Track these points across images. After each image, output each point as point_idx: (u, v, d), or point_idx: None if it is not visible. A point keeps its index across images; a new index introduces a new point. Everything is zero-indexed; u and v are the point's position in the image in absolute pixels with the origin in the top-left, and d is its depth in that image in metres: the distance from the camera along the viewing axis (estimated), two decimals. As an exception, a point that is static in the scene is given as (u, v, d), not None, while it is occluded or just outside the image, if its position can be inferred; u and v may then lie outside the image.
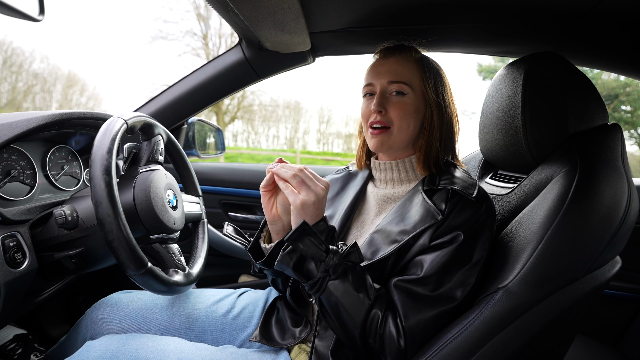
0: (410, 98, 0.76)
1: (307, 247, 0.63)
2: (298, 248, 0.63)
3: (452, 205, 0.69)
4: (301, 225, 0.63)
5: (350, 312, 0.64)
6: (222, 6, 0.83)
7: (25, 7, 0.53)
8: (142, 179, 0.78)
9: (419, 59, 0.79)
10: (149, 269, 0.68)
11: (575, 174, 0.65)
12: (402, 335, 0.64)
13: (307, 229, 0.63)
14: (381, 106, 0.76)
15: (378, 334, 0.64)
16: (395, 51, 0.80)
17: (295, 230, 0.63)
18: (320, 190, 0.66)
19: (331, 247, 0.64)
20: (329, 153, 23.37)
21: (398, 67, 0.77)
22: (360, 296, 0.65)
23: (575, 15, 0.79)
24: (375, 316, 0.65)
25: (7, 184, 0.82)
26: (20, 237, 0.72)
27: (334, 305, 0.65)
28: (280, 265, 0.64)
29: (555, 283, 0.62)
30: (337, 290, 0.64)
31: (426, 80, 0.77)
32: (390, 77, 0.76)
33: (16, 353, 0.97)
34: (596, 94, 0.75)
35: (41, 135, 0.93)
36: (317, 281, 0.64)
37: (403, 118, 0.76)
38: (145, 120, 0.84)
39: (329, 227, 0.67)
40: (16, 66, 17.93)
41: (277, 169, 0.69)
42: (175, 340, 0.74)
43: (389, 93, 0.77)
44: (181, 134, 1.34)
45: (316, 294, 0.66)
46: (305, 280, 0.65)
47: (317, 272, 0.64)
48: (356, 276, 0.66)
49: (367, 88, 0.80)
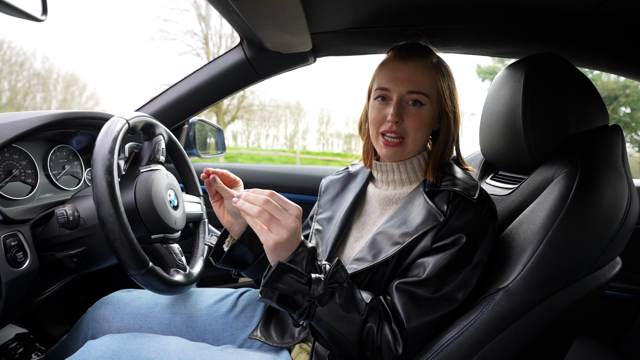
0: (427, 109, 0.74)
1: (288, 285, 0.59)
2: (278, 288, 0.59)
3: (454, 206, 0.69)
4: (277, 266, 0.58)
5: (344, 334, 0.63)
6: (224, 6, 0.83)
7: (28, 7, 0.53)
8: (144, 179, 0.79)
9: (437, 65, 0.76)
10: (150, 269, 0.68)
11: (576, 175, 0.65)
12: (398, 341, 0.63)
13: (284, 267, 0.59)
14: (399, 116, 0.73)
15: (375, 346, 0.64)
16: (414, 54, 0.75)
17: (272, 273, 0.58)
18: (292, 222, 0.59)
19: (313, 276, 0.60)
20: (328, 153, 23.37)
21: (418, 75, 0.73)
22: (352, 316, 0.63)
23: (576, 16, 0.79)
24: (370, 330, 0.64)
25: (9, 183, 0.83)
26: (21, 236, 0.72)
27: (326, 330, 0.63)
28: (264, 300, 0.61)
29: (556, 284, 0.62)
30: (327, 315, 0.62)
31: (443, 89, 0.75)
32: (411, 86, 0.73)
33: (17, 352, 0.97)
34: (596, 94, 0.76)
35: (42, 135, 0.93)
36: (304, 311, 0.61)
37: (418, 129, 0.74)
38: (147, 120, 0.84)
39: (309, 250, 0.62)
40: (17, 66, 17.94)
41: (241, 204, 0.60)
42: (176, 340, 0.74)
43: (406, 102, 0.74)
44: (182, 134, 1.34)
45: (305, 320, 0.63)
46: (292, 310, 0.62)
47: (303, 301, 0.61)
48: (344, 296, 0.63)
49: (382, 92, 0.75)
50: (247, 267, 0.82)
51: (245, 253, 0.79)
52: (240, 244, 0.77)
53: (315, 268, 0.62)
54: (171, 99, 1.25)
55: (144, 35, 30.97)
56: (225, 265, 0.81)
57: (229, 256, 0.79)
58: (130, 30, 31.19)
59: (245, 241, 0.77)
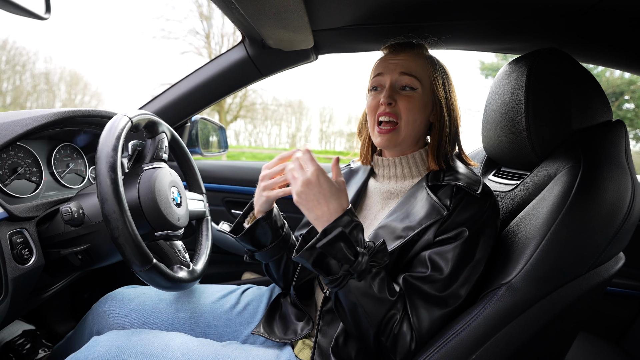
0: (419, 93, 0.77)
1: (337, 251, 0.60)
2: (329, 252, 0.60)
3: (457, 201, 0.69)
4: (339, 233, 0.60)
5: (368, 312, 0.63)
6: (226, 4, 0.83)
7: (32, 5, 0.54)
8: (147, 177, 0.79)
9: (428, 56, 0.80)
10: (154, 265, 0.68)
11: (579, 170, 0.65)
12: (414, 339, 0.64)
13: (341, 234, 0.60)
14: (391, 98, 0.76)
15: (392, 334, 0.64)
16: (405, 47, 0.80)
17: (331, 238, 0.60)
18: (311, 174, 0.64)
19: (359, 249, 0.62)
20: (331, 152, 23.36)
21: (409, 61, 0.77)
22: (382, 297, 0.63)
23: (579, 12, 0.79)
24: (393, 317, 0.64)
25: (14, 181, 0.83)
26: (27, 233, 0.73)
27: (352, 304, 0.64)
28: (299, 259, 0.63)
29: (559, 279, 0.62)
30: (358, 289, 0.62)
31: (435, 77, 0.78)
32: (402, 69, 0.77)
33: (25, 348, 0.99)
34: (600, 90, 0.75)
35: (47, 133, 0.94)
36: (337, 278, 0.62)
37: (411, 112, 0.76)
38: (150, 118, 0.84)
39: (354, 222, 0.64)
40: (20, 65, 18.02)
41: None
42: (181, 336, 0.75)
43: (399, 87, 0.77)
44: (184, 132, 1.35)
45: (334, 288, 0.64)
46: (325, 274, 0.63)
47: (340, 269, 0.62)
48: (380, 277, 0.64)
49: (376, 79, 0.79)
50: (262, 248, 0.83)
51: (265, 232, 0.81)
52: (263, 222, 0.79)
53: (360, 243, 0.64)
54: (174, 97, 1.26)
55: (146, 35, 31.03)
56: (244, 240, 0.82)
57: (249, 232, 0.80)
58: (133, 29, 31.24)
59: (268, 220, 0.79)
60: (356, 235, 0.63)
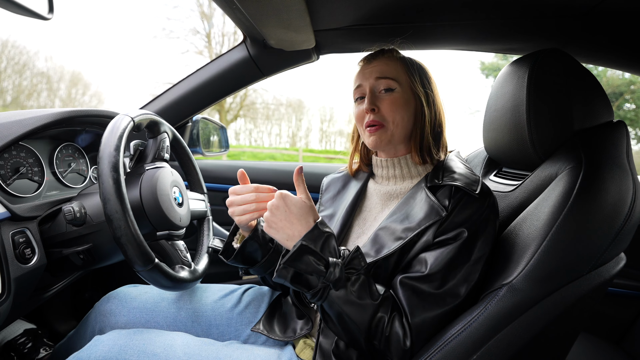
0: (399, 92, 0.78)
1: (306, 265, 0.61)
2: (296, 267, 0.62)
3: (456, 201, 0.69)
4: (299, 247, 0.61)
5: (355, 319, 0.64)
6: (228, 4, 0.83)
7: (35, 5, 0.54)
8: (149, 176, 0.79)
9: (401, 57, 0.82)
10: (156, 265, 0.69)
11: (580, 170, 0.65)
12: (408, 336, 0.64)
13: (305, 248, 0.61)
14: (373, 104, 0.77)
15: (384, 337, 0.64)
16: (377, 54, 0.82)
17: (293, 252, 0.61)
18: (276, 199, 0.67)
19: (331, 259, 0.63)
20: (331, 151, 23.36)
21: (383, 66, 0.80)
22: (364, 303, 0.64)
23: (580, 12, 0.79)
24: (381, 320, 0.64)
25: (16, 181, 0.83)
26: (29, 233, 0.73)
27: (337, 314, 0.65)
28: (278, 279, 0.64)
29: (560, 279, 0.62)
30: (340, 299, 0.63)
31: (411, 74, 0.80)
32: (377, 74, 0.79)
33: (26, 347, 0.99)
34: (601, 90, 0.75)
35: (48, 133, 0.94)
36: (317, 291, 0.63)
37: (396, 112, 0.77)
38: (152, 117, 0.84)
39: (326, 233, 0.65)
40: (20, 65, 18.03)
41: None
42: (183, 336, 0.75)
43: (379, 91, 0.79)
44: (186, 132, 1.35)
45: (318, 301, 0.65)
46: (305, 290, 0.64)
47: (318, 282, 0.63)
48: (360, 283, 0.65)
49: (357, 91, 0.82)
50: (256, 264, 0.84)
51: (255, 249, 0.82)
52: (251, 241, 0.81)
53: (333, 252, 0.64)
54: (175, 96, 1.26)
55: (147, 34, 31.00)
56: (236, 262, 0.83)
57: (240, 253, 0.81)
58: (133, 28, 31.22)
59: (256, 237, 0.81)
60: (328, 245, 0.64)
